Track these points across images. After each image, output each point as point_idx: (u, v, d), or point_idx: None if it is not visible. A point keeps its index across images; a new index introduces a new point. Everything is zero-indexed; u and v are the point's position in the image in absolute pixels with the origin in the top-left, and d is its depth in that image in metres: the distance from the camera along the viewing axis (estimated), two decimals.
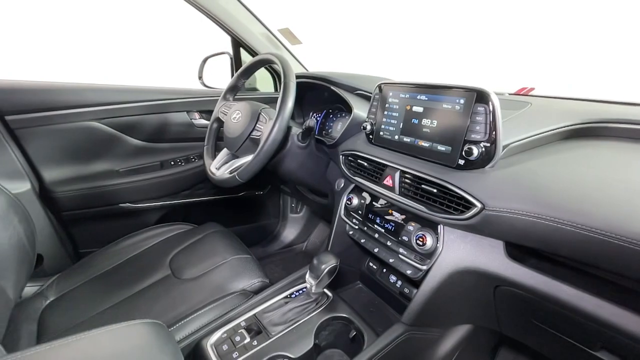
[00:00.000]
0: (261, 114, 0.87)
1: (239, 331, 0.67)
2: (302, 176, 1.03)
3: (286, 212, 1.65)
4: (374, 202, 0.80)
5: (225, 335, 0.66)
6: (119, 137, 1.12)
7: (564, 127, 0.65)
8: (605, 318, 0.48)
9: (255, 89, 1.42)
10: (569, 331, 0.56)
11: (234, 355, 0.62)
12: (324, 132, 1.17)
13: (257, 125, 0.85)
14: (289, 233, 1.66)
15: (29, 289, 0.94)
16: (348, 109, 0.95)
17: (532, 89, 1.17)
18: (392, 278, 0.85)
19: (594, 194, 0.48)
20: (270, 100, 1.12)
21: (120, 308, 0.81)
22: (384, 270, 0.88)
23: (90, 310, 0.82)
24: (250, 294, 0.80)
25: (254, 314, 0.71)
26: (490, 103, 0.57)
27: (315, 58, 1.39)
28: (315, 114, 1.23)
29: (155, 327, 0.50)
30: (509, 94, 0.93)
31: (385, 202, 0.78)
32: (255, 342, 0.64)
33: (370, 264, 0.92)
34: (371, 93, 0.80)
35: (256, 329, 0.67)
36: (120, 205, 1.16)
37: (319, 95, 1.16)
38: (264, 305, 0.73)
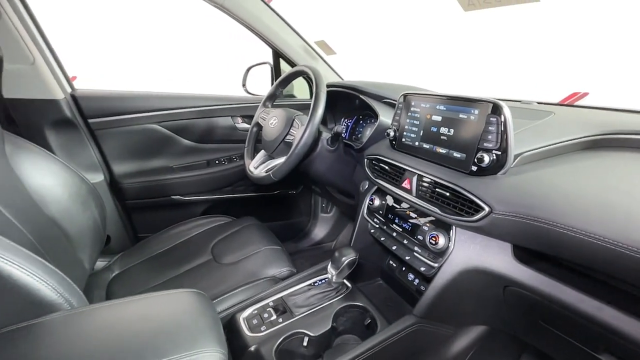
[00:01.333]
0: (295, 120, 0.97)
1: (267, 309, 0.77)
2: (331, 177, 1.12)
3: (317, 211, 1.74)
4: (394, 204, 0.86)
5: (256, 312, 0.77)
6: (174, 138, 1.29)
7: (581, 138, 0.67)
8: (605, 320, 0.50)
9: (292, 96, 1.54)
10: (574, 333, 0.58)
11: (262, 329, 0.72)
12: (353, 137, 1.25)
13: (291, 130, 0.95)
14: (319, 231, 1.75)
15: (99, 263, 1.12)
16: (376, 116, 1.02)
17: (586, 94, 1.14)
18: (410, 276, 0.90)
19: (596, 201, 0.51)
20: (304, 107, 1.22)
21: (169, 285, 0.95)
22: (403, 268, 0.94)
23: (146, 284, 0.97)
24: (278, 280, 0.90)
25: (281, 297, 0.81)
26: (502, 115, 0.61)
27: (350, 67, 1.47)
28: (346, 120, 1.31)
29: (200, 296, 0.61)
30: (537, 103, 0.94)
31: (404, 203, 0.83)
32: (280, 320, 0.74)
33: (391, 262, 0.97)
34: (397, 101, 0.86)
35: (282, 309, 0.77)
36: (172, 197, 1.33)
37: (351, 103, 1.24)
38: (290, 290, 0.83)
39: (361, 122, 1.25)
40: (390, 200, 0.88)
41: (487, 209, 0.59)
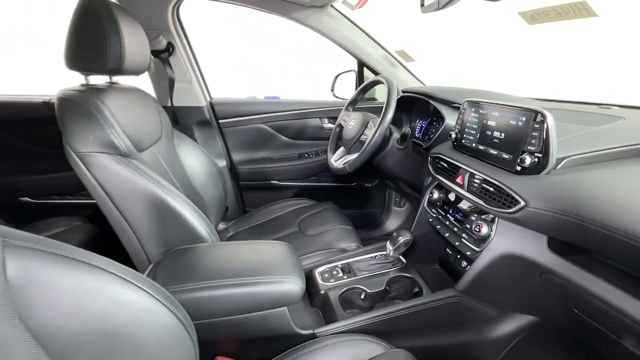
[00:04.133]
0: (369, 122, 1.16)
1: (336, 269, 1.00)
2: (400, 172, 1.28)
3: (390, 204, 1.90)
4: (449, 197, 0.98)
5: (328, 269, 1.00)
6: (275, 135, 1.63)
7: (633, 145, 0.69)
8: (630, 312, 0.56)
9: (374, 99, 1.73)
10: (604, 322, 0.64)
11: (331, 281, 0.95)
12: (426, 136, 1.37)
13: (365, 131, 1.15)
14: (391, 224, 1.90)
15: (220, 226, 1.53)
16: (444, 119, 1.14)
17: None
18: (463, 263, 1.01)
19: (624, 201, 0.57)
20: (381, 110, 1.40)
21: None
22: (458, 256, 1.04)
23: None
24: (347, 251, 1.12)
25: (347, 262, 1.03)
26: (545, 122, 0.69)
27: (428, 72, 1.58)
28: (420, 121, 1.44)
29: (290, 247, 0.87)
30: (618, 107, 0.92)
31: (457, 196, 0.95)
32: (345, 277, 0.96)
33: (447, 249, 1.09)
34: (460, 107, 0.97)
35: (347, 270, 0.99)
36: (271, 181, 1.69)
37: (425, 106, 1.36)
38: (355, 258, 1.04)
39: (434, 123, 1.36)
40: (452, 196, 1.00)
41: (522, 203, 0.69)
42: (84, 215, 1.46)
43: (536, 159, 0.71)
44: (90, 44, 0.83)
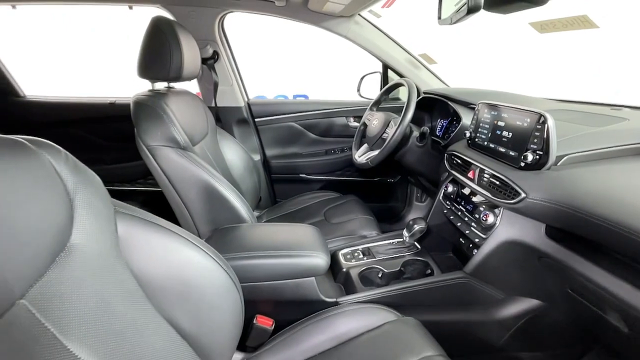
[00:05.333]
0: (391, 121, 1.27)
1: (357, 252, 1.13)
2: (419, 168, 1.38)
3: (412, 199, 1.99)
4: (463, 190, 1.08)
5: (350, 252, 1.14)
6: (304, 133, 1.77)
7: (629, 144, 0.76)
8: (618, 294, 0.63)
9: (398, 99, 1.83)
10: (592, 300, 0.72)
11: (352, 261, 1.08)
12: (446, 135, 1.46)
13: (387, 129, 1.27)
14: (412, 217, 1.99)
15: (255, 214, 1.70)
16: (461, 119, 1.23)
17: None
18: (475, 251, 1.10)
19: (614, 195, 0.65)
20: (402, 110, 1.50)
21: None
22: (470, 245, 1.14)
23: None
24: (367, 237, 1.25)
25: (368, 246, 1.15)
26: (546, 124, 0.78)
27: (450, 73, 1.66)
28: (441, 121, 1.52)
29: (317, 229, 1.01)
30: (630, 108, 0.97)
31: (469, 190, 1.04)
32: (365, 259, 1.09)
33: (460, 239, 1.18)
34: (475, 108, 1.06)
35: (367, 253, 1.12)
36: (300, 175, 1.84)
37: (445, 106, 1.45)
38: (374, 243, 1.16)
39: (454, 122, 1.44)
40: (466, 190, 1.09)
41: (523, 194, 0.78)
42: (138, 201, 1.69)
43: (537, 156, 0.80)
44: (157, 57, 1.01)
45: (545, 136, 0.78)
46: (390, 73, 1.72)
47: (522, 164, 0.83)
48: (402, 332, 0.79)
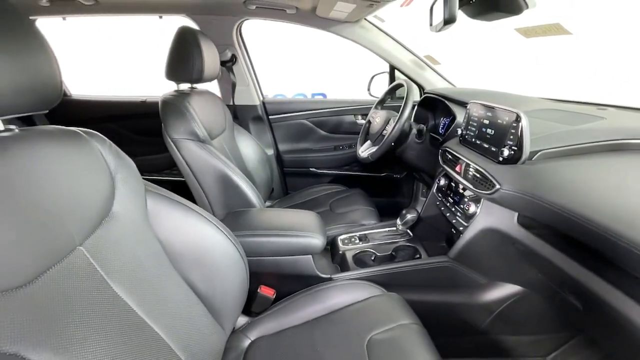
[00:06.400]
0: (390, 119, 1.37)
1: (354, 237, 1.24)
2: (418, 163, 1.47)
3: (417, 195, 2.06)
4: (451, 183, 1.17)
5: (348, 237, 1.25)
6: (315, 130, 1.90)
7: (603, 141, 0.82)
8: (575, 276, 0.71)
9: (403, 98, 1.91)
10: (555, 280, 0.80)
11: (349, 245, 1.20)
12: (448, 132, 1.53)
13: (387, 127, 1.37)
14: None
15: (267, 203, 1.85)
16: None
17: None
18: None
19: (575, 187, 0.73)
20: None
21: None
22: (460, 235, 1.22)
23: None
24: (365, 225, 1.36)
25: (364, 233, 1.26)
26: (520, 122, 0.86)
27: (458, 74, 1.73)
28: (444, 119, 1.60)
29: (317, 215, 1.14)
30: (615, 107, 1.03)
31: (457, 182, 1.13)
32: (360, 243, 1.20)
33: (452, 229, 1.27)
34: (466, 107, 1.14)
35: (363, 238, 1.23)
36: (310, 169, 1.97)
37: (447, 105, 1.53)
38: (371, 231, 1.27)
39: (456, 120, 1.52)
40: (456, 184, 1.18)
41: (497, 186, 0.87)
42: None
43: (513, 152, 0.88)
44: (181, 62, 1.17)
45: (519, 133, 0.86)
46: (397, 73, 1.80)
47: (501, 159, 0.92)
48: (385, 305, 0.90)
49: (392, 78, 1.82)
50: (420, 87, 1.79)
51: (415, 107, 1.62)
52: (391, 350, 0.76)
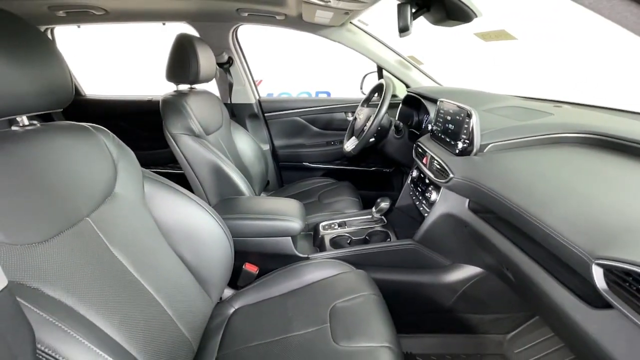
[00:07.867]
0: (371, 116, 1.48)
1: (334, 224, 1.36)
2: (398, 157, 1.58)
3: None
4: (421, 174, 1.27)
5: (328, 224, 1.38)
6: (308, 126, 2.03)
7: (544, 135, 0.92)
8: (505, 252, 0.82)
9: (394, 95, 2.01)
10: (500, 260, 0.91)
11: (329, 230, 1.32)
12: (423, 128, 1.63)
13: (367, 123, 1.48)
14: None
15: (263, 195, 1.99)
16: None
17: None
18: None
19: (512, 177, 0.83)
20: (393, 105, 1.69)
21: None
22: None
23: None
24: (345, 213, 1.48)
25: (344, 220, 1.39)
26: (471, 118, 0.96)
27: (441, 73, 1.82)
28: (427, 115, 1.69)
29: (299, 202, 1.27)
30: (569, 104, 1.11)
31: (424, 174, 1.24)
32: (339, 229, 1.32)
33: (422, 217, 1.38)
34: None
35: (342, 225, 1.35)
36: (304, 163, 2.10)
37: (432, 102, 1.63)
38: (350, 218, 1.40)
39: (428, 117, 1.62)
40: (424, 175, 1.28)
41: (451, 175, 0.98)
42: None
43: (465, 144, 0.98)
44: (179, 65, 1.31)
45: (470, 128, 0.97)
46: (385, 72, 1.91)
47: (457, 151, 1.02)
48: (351, 280, 1.02)
49: (380, 77, 1.93)
50: (407, 86, 1.89)
51: (400, 105, 1.72)
52: (350, 315, 0.88)
